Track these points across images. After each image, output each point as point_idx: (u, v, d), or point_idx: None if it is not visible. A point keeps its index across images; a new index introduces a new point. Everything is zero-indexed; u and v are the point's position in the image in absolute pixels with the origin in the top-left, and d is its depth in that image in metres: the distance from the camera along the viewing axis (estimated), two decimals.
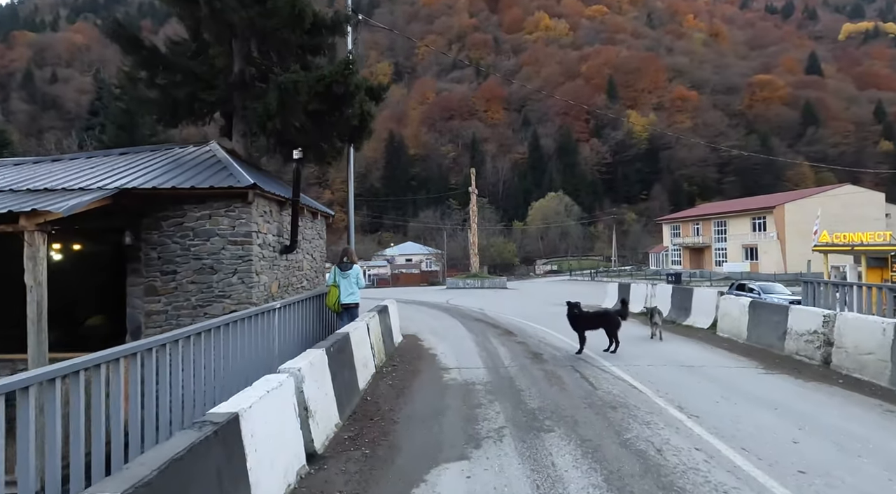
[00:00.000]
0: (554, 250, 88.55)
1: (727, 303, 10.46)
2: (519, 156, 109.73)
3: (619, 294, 16.37)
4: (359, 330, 6.89)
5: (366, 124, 9.53)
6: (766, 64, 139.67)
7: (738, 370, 7.36)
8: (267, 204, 8.10)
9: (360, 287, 8.50)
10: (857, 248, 23.12)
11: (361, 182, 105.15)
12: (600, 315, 9.13)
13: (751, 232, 54.82)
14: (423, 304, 24.29)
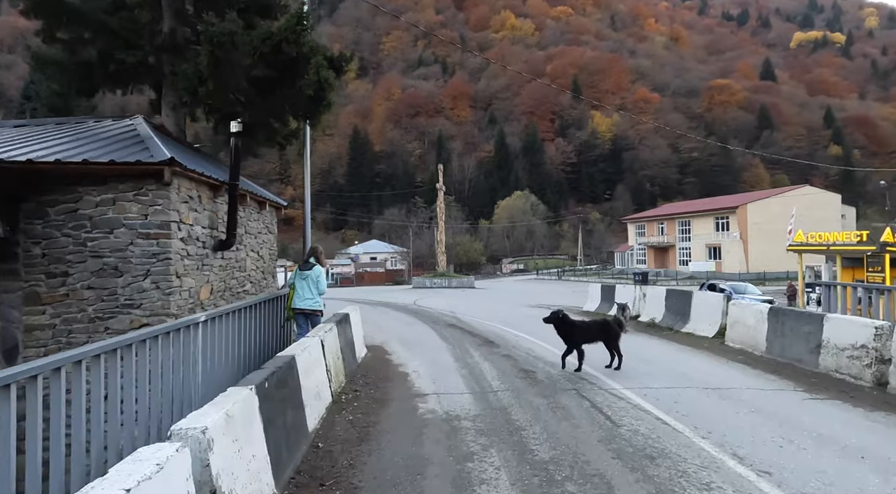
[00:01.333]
0: (520, 249, 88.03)
1: (739, 310, 9.22)
2: (485, 154, 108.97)
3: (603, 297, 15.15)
4: (309, 350, 5.29)
5: (323, 95, 7.86)
6: (723, 68, 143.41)
7: (776, 394, 6.06)
8: (194, 187, 6.34)
9: (320, 291, 7.23)
10: (832, 248, 22.58)
11: (325, 178, 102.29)
12: (601, 325, 7.78)
13: (714, 231, 55.13)
14: (389, 306, 22.66)
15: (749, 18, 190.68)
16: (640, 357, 8.57)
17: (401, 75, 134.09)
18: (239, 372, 5.86)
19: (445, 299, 28.20)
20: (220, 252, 7.08)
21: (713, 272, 50.32)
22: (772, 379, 6.88)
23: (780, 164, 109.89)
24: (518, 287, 46.89)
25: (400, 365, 8.32)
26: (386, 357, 9.09)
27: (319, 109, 8.16)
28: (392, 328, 13.46)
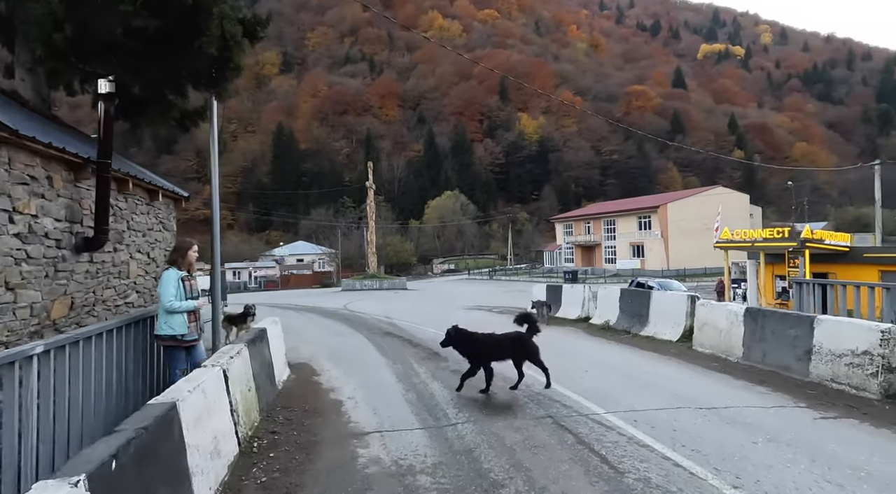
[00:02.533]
0: (451, 249, 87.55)
1: (708, 311, 8.44)
2: (414, 153, 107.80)
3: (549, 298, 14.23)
4: (203, 389, 3.76)
5: (229, 57, 6.24)
6: (639, 75, 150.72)
7: (780, 413, 5.13)
8: (40, 164, 4.54)
9: (165, 307, 5.02)
10: (756, 244, 23.15)
11: (247, 176, 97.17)
12: (513, 339, 6.43)
13: (637, 230, 56.83)
14: (317, 311, 20.85)
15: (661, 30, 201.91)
16: (606, 365, 7.59)
17: (327, 72, 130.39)
18: (112, 417, 4.25)
19: (378, 302, 26.63)
20: (85, 253, 5.32)
21: (638, 269, 51.74)
22: (763, 392, 6.03)
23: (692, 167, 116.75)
24: (451, 287, 45.96)
25: (331, 389, 6.86)
26: (314, 379, 7.60)
27: (226, 75, 6.50)
28: (321, 339, 11.90)
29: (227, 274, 66.12)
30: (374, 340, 11.34)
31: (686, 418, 5.02)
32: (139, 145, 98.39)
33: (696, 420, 4.97)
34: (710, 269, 50.82)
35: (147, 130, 10.94)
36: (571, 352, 8.84)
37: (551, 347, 9.24)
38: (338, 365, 8.59)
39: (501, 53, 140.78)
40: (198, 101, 8.80)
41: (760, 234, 23.74)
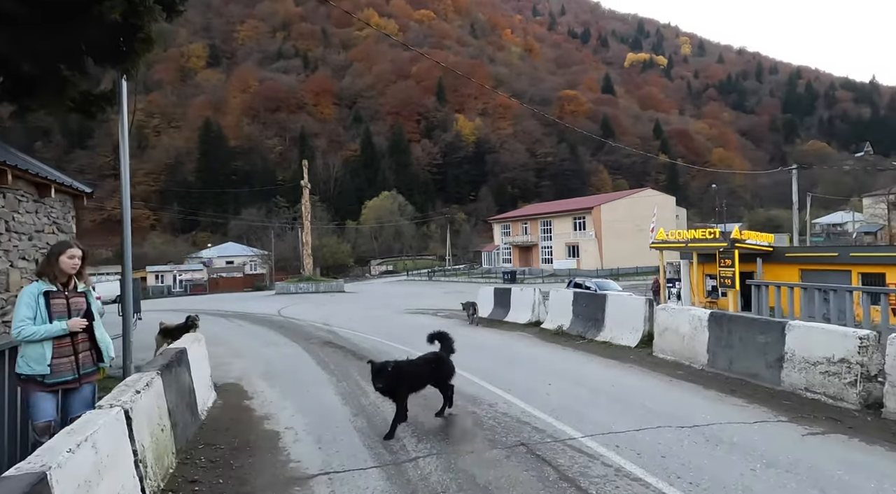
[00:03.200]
0: (389, 250, 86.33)
1: (669, 316, 8.05)
2: (351, 153, 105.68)
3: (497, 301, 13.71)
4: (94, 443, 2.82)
5: (138, 25, 5.21)
6: (571, 81, 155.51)
7: (765, 429, 4.85)
8: None
9: (14, 333, 3.65)
10: (690, 245, 23.83)
11: (172, 174, 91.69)
12: (431, 361, 5.61)
13: (573, 231, 58.06)
14: (248, 318, 19.43)
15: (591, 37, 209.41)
16: (568, 376, 7.09)
17: (258, 67, 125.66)
18: None
19: (315, 307, 25.35)
20: None
21: (574, 269, 52.80)
22: (739, 404, 5.67)
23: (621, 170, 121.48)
24: (390, 289, 44.97)
25: (266, 416, 5.87)
26: (245, 403, 6.56)
27: (135, 47, 5.44)
28: (253, 351, 10.76)
29: (150, 279, 61.97)
30: (313, 352, 10.36)
31: (670, 440, 4.54)
32: (47, 139, 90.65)
33: (681, 442, 4.51)
34: (642, 269, 52.67)
35: (48, 117, 9.51)
36: (528, 361, 8.34)
37: (505, 355, 8.77)
38: (273, 383, 7.60)
39: (438, 53, 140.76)
40: (107, 84, 7.61)
41: (693, 235, 24.47)
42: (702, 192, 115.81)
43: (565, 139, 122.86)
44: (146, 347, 10.11)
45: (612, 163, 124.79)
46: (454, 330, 12.42)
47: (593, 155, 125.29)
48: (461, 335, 10.98)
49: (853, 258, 22.35)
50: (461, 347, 5.99)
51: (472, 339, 10.61)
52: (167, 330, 9.30)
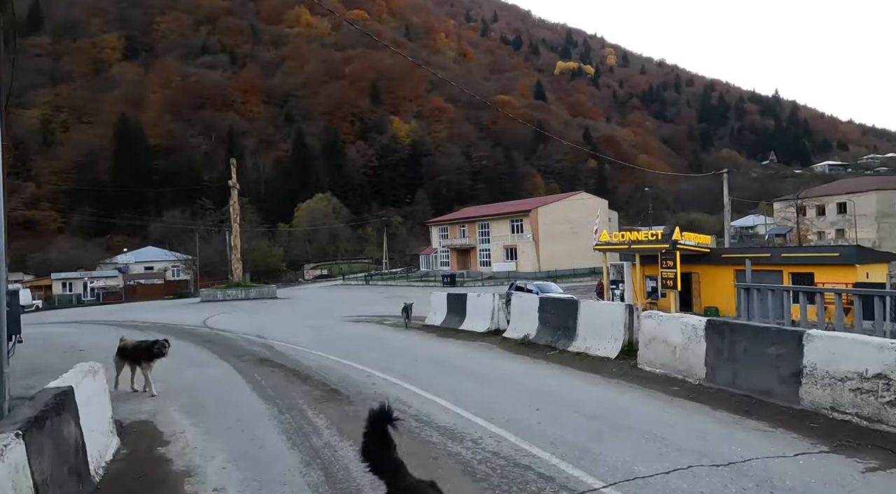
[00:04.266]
0: (323, 253, 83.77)
1: (657, 324, 7.36)
2: (282, 153, 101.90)
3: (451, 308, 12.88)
4: None
5: None
6: (505, 86, 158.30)
7: (810, 463, 4.24)
8: None
9: None
10: (633, 246, 24.13)
11: (83, 173, 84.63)
12: None
13: (510, 233, 58.42)
14: (169, 330, 17.54)
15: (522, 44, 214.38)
16: (553, 397, 6.32)
17: (180, 61, 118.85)
18: None
19: (246, 316, 23.59)
20: None
21: (513, 272, 53.06)
22: (761, 428, 5.15)
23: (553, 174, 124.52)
24: (327, 295, 43.24)
25: (188, 471, 4.58)
26: (159, 451, 5.20)
27: None
28: (173, 373, 9.02)
29: (56, 287, 56.72)
30: (247, 373, 8.92)
31: (715, 487, 3.83)
32: None
33: (726, 488, 3.80)
34: (579, 270, 53.72)
35: None
36: (500, 378, 7.62)
37: (472, 371, 7.99)
38: (197, 419, 6.19)
39: (373, 55, 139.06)
40: None
41: (636, 237, 24.80)
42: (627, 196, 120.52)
43: (500, 143, 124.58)
44: (33, 371, 8.51)
45: (545, 167, 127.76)
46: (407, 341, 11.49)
47: (527, 159, 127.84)
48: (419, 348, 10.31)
49: (784, 258, 23.36)
50: (420, 360, 5.18)
51: (429, 352, 9.75)
52: (128, 349, 7.71)
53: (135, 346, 7.72)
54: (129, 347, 7.75)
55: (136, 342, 8.03)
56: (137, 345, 7.74)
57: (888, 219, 60.33)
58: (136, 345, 7.74)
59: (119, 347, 7.84)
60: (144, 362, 7.42)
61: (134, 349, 7.64)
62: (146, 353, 7.39)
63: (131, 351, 7.63)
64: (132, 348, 7.69)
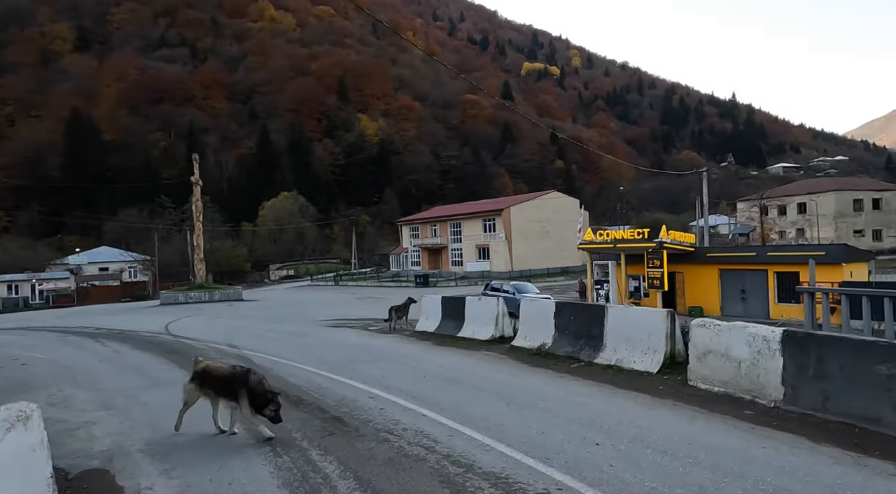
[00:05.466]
0: (289, 253, 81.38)
1: (715, 334, 6.32)
2: (247, 150, 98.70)
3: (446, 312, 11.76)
4: None
5: None
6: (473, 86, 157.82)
7: None
8: None
9: None
10: (619, 246, 23.53)
11: (32, 169, 79.90)
12: None
13: (483, 233, 57.69)
14: (127, 339, 15.91)
15: (489, 45, 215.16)
16: (604, 425, 5.24)
17: (138, 54, 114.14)
18: None
19: (212, 320, 21.93)
20: None
21: (487, 271, 52.31)
22: None
23: (521, 174, 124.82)
24: (296, 297, 41.48)
25: None
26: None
27: None
28: (132, 397, 7.57)
29: (1, 289, 53.09)
30: None
31: None
32: None
33: None
34: (552, 270, 53.39)
35: None
36: (530, 398, 6.49)
37: (494, 388, 6.87)
38: (168, 463, 4.83)
39: (339, 52, 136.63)
40: None
41: (621, 235, 24.19)
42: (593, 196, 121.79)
43: (468, 142, 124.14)
44: None
45: (513, 167, 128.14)
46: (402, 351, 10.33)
47: (495, 158, 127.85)
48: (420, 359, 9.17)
49: (770, 257, 23.11)
50: (428, 376, 4.16)
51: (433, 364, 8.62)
52: (209, 374, 5.73)
53: (222, 373, 5.67)
54: (215, 371, 5.77)
55: (219, 365, 6.02)
56: (222, 372, 5.71)
57: (845, 219, 62.23)
58: (222, 372, 5.69)
59: (197, 371, 5.82)
60: (240, 396, 5.42)
61: (220, 375, 5.65)
62: (235, 382, 5.46)
63: (218, 377, 5.66)
64: (220, 375, 5.68)
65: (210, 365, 5.89)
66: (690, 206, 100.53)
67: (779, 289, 22.35)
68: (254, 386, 5.29)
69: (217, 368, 5.80)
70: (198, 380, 5.71)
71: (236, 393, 5.36)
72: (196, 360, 5.98)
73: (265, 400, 5.25)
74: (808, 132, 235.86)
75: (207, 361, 6.02)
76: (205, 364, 5.88)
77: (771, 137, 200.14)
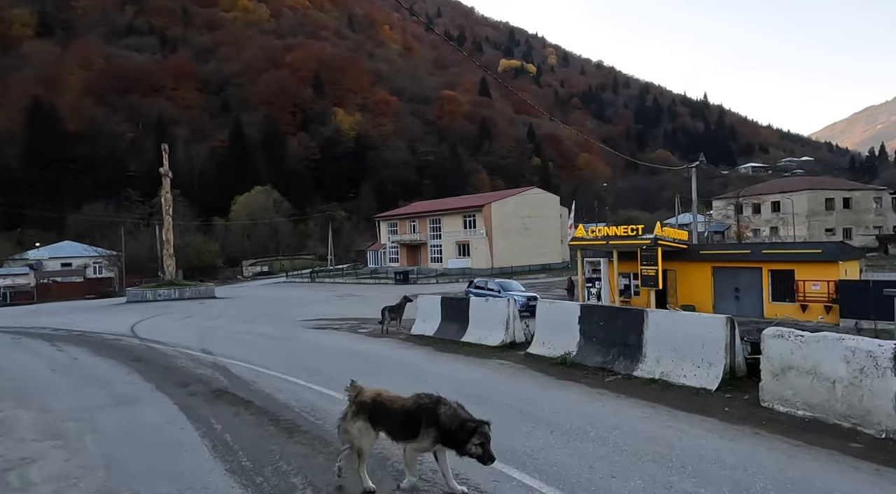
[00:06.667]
0: (263, 249, 79.20)
1: (797, 346, 5.35)
2: (218, 143, 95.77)
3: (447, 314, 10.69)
4: None
5: None
6: (450, 82, 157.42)
7: None
8: None
9: None
10: (611, 242, 22.75)
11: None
12: None
13: (463, 229, 56.75)
14: (87, 341, 14.43)
15: (466, 41, 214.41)
16: (708, 473, 4.15)
17: (103, 42, 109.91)
18: None
19: (182, 321, 20.41)
20: None
21: (469, 268, 51.41)
22: None
23: (498, 171, 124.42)
24: (272, 294, 39.84)
25: None
26: None
27: None
28: (86, 421, 6.19)
29: None
30: (198, 416, 6.18)
31: None
32: None
33: None
34: (533, 267, 52.78)
35: None
36: (577, 424, 5.37)
37: (529, 410, 5.70)
38: None
39: (315, 44, 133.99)
40: None
41: (614, 232, 23.44)
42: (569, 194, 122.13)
43: (445, 138, 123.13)
44: None
45: (490, 163, 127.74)
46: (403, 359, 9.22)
47: (472, 155, 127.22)
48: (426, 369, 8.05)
49: (764, 255, 22.61)
50: (445, 394, 3.15)
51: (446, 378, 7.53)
52: (384, 407, 4.12)
53: (417, 407, 3.98)
54: (399, 408, 4.06)
55: (400, 399, 4.19)
56: (421, 405, 3.98)
57: (817, 218, 63.19)
58: (420, 405, 3.98)
59: (363, 403, 4.16)
60: (424, 436, 3.90)
61: (407, 412, 4.00)
62: (429, 418, 3.89)
63: (402, 414, 4.02)
64: (413, 410, 3.99)
65: (383, 393, 4.21)
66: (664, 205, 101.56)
67: (773, 288, 21.88)
68: (446, 423, 3.79)
69: (394, 398, 4.14)
70: (366, 415, 4.05)
71: (419, 432, 3.86)
72: (353, 386, 4.27)
73: (465, 433, 3.71)
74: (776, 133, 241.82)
75: (376, 388, 4.27)
76: (374, 391, 4.20)
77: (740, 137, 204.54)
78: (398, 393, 4.20)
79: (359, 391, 4.21)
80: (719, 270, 23.26)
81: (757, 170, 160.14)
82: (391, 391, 4.21)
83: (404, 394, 4.10)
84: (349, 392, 4.24)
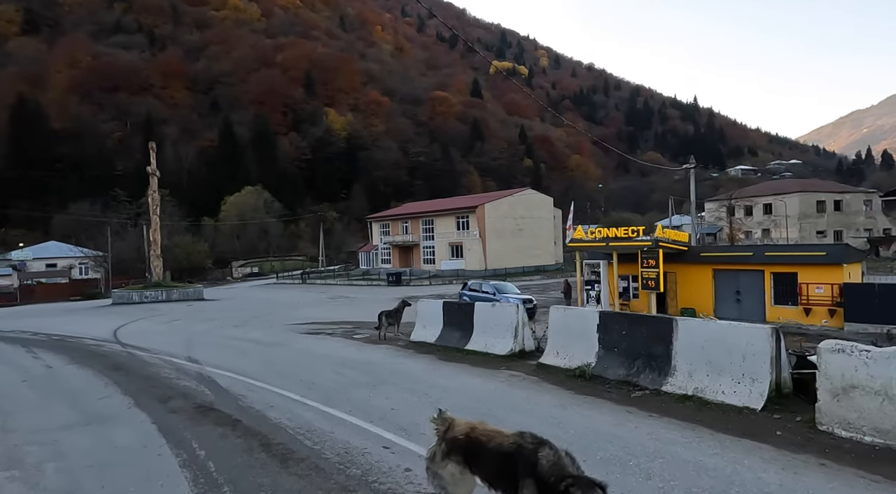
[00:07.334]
0: (253, 250, 78.16)
1: (863, 363, 4.78)
2: (208, 143, 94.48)
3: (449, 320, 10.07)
4: None
5: None
6: (441, 82, 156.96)
7: None
8: None
9: None
10: (611, 244, 22.25)
11: None
12: None
13: (456, 230, 56.20)
14: (65, 347, 13.64)
15: (458, 42, 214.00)
16: None
17: (91, 39, 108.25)
18: None
19: (169, 325, 19.63)
20: None
21: (462, 270, 50.85)
22: None
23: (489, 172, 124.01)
24: (262, 295, 39.00)
25: None
26: None
27: None
28: (52, 442, 5.55)
29: None
30: (179, 440, 5.52)
31: None
32: None
33: None
34: (527, 268, 52.30)
35: None
36: (610, 452, 4.79)
37: (548, 430, 4.87)
38: None
39: (306, 44, 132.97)
40: None
41: (614, 233, 22.93)
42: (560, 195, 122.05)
43: (437, 139, 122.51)
44: None
45: (482, 164, 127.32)
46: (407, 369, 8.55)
47: (464, 156, 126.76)
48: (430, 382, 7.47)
49: (767, 257, 22.19)
50: (458, 411, 2.53)
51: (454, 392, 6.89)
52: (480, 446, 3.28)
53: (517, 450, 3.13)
54: (496, 449, 3.20)
55: (500, 435, 3.30)
56: (521, 448, 3.13)
57: (809, 220, 63.25)
58: (519, 448, 3.14)
59: (454, 440, 3.40)
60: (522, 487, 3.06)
61: (504, 455, 3.16)
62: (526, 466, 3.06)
63: (498, 456, 3.18)
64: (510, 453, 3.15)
65: (478, 427, 3.32)
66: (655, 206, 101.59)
67: (776, 291, 21.47)
68: (545, 474, 2.91)
69: (492, 434, 3.22)
70: (460, 455, 3.23)
71: (517, 481, 2.98)
72: (440, 417, 3.45)
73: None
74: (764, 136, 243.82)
75: (470, 421, 3.41)
76: (468, 425, 3.33)
77: (730, 140, 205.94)
78: (485, 424, 3.29)
79: (449, 424, 3.36)
80: (720, 272, 22.82)
81: (746, 172, 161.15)
82: (489, 424, 3.30)
83: (460, 418, 3.22)
84: (437, 425, 3.41)
